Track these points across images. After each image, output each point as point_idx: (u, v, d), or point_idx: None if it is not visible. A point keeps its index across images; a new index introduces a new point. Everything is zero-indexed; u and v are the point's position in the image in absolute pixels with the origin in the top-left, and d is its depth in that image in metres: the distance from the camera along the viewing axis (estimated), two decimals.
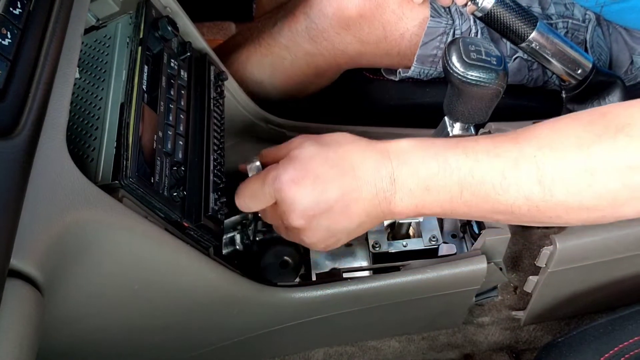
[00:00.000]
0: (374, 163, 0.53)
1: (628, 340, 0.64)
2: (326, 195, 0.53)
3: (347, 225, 0.55)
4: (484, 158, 0.50)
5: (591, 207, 0.48)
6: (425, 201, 0.53)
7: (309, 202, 0.53)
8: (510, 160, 0.49)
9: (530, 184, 0.48)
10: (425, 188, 0.52)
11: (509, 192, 0.49)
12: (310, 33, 0.81)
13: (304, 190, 0.53)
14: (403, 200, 0.53)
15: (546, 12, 0.82)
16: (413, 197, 0.53)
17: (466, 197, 0.51)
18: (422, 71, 0.84)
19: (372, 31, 0.80)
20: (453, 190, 0.51)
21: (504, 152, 0.49)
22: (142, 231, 0.45)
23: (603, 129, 0.46)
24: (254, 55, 0.87)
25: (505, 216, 0.51)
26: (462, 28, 0.80)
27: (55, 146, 0.39)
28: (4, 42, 0.37)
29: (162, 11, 0.61)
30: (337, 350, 0.89)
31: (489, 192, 0.50)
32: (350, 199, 0.53)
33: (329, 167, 0.53)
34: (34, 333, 0.34)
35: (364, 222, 0.55)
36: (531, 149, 0.49)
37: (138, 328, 0.58)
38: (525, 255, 0.87)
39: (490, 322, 0.90)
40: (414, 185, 0.52)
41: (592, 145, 0.46)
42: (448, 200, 0.52)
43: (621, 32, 0.84)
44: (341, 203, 0.53)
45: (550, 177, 0.47)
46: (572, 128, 0.49)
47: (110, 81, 0.53)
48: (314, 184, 0.53)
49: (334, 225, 0.55)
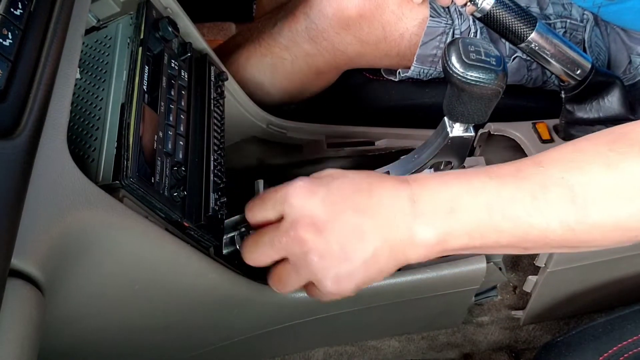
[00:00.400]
0: (392, 185, 0.50)
1: (627, 339, 0.64)
2: (337, 207, 0.48)
3: (361, 248, 0.48)
4: (509, 180, 0.47)
5: (626, 227, 0.46)
6: (450, 228, 0.47)
7: (319, 209, 0.48)
8: (537, 183, 0.46)
9: (563, 204, 0.46)
10: (449, 210, 0.47)
11: (541, 213, 0.46)
12: (310, 33, 0.82)
13: (315, 198, 0.49)
14: (425, 227, 0.48)
15: (544, 12, 0.82)
16: (436, 222, 0.48)
17: (496, 220, 0.47)
18: (422, 71, 0.84)
19: (371, 31, 0.81)
20: (481, 213, 0.47)
21: (529, 176, 0.47)
22: (143, 231, 0.45)
23: (628, 147, 0.45)
24: (254, 56, 0.87)
25: (537, 244, 0.48)
26: (462, 28, 0.80)
27: (56, 146, 0.39)
28: (5, 42, 0.37)
29: (162, 12, 0.61)
30: (337, 350, 0.89)
31: (520, 215, 0.46)
32: (364, 217, 0.48)
33: (342, 183, 0.50)
34: (35, 333, 0.34)
35: (380, 251, 0.49)
36: (557, 170, 0.47)
37: (138, 328, 0.58)
38: (524, 255, 0.87)
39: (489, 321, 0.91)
40: (436, 208, 0.48)
41: (620, 163, 0.45)
42: (476, 225, 0.47)
43: (619, 32, 0.84)
44: (353, 221, 0.48)
45: (582, 197, 0.45)
46: (595, 148, 0.47)
47: (110, 81, 0.53)
48: (326, 196, 0.49)
49: (346, 245, 0.48)
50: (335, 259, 0.48)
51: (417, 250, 0.49)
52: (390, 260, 0.50)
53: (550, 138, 0.80)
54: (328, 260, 0.49)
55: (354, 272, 0.49)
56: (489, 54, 0.54)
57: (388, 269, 0.50)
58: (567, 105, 0.77)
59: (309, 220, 0.48)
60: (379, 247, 0.49)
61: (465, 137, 0.61)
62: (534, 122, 0.81)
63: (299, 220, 0.49)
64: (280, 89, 0.89)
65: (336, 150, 0.84)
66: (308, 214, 0.49)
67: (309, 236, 0.48)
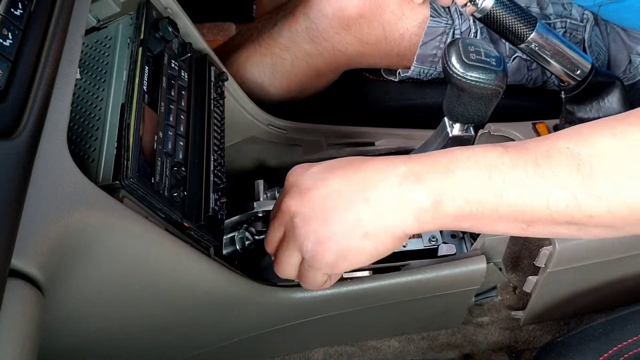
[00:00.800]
0: (386, 161, 0.48)
1: (627, 340, 0.64)
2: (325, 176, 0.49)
3: (342, 209, 0.47)
4: (513, 150, 0.45)
5: (634, 204, 0.43)
6: (445, 187, 0.45)
7: (308, 180, 0.49)
8: (542, 152, 0.44)
9: (568, 171, 0.43)
10: (445, 170, 0.45)
11: (544, 179, 0.43)
12: (310, 33, 0.82)
13: (307, 173, 0.50)
14: (417, 185, 0.45)
15: (544, 12, 0.82)
16: (430, 182, 0.45)
17: (496, 183, 0.44)
18: (422, 71, 0.84)
19: (371, 31, 0.81)
20: (479, 175, 0.44)
21: (534, 147, 0.45)
22: (143, 231, 0.45)
23: (636, 119, 0.44)
24: (253, 56, 0.87)
25: (540, 216, 0.45)
26: (462, 28, 0.80)
27: (56, 147, 0.39)
28: (5, 42, 0.37)
29: (162, 12, 0.61)
30: (337, 350, 0.89)
31: (522, 180, 0.43)
32: (349, 182, 0.48)
33: (338, 160, 0.50)
34: (35, 333, 0.34)
35: (364, 214, 0.47)
36: (563, 141, 0.44)
37: (138, 328, 0.58)
38: (524, 255, 0.87)
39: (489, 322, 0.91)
40: (432, 168, 0.46)
41: (628, 134, 0.43)
42: (473, 186, 0.44)
43: (619, 32, 0.84)
44: (338, 187, 0.48)
45: (588, 165, 0.43)
46: (603, 123, 0.45)
47: (111, 82, 0.53)
48: (318, 170, 0.50)
49: (328, 208, 0.47)
50: (315, 221, 0.48)
51: (408, 213, 0.46)
52: (377, 223, 0.47)
53: None
54: (309, 223, 0.48)
55: (334, 233, 0.47)
56: (488, 54, 0.54)
57: (377, 235, 0.47)
58: (567, 106, 0.77)
59: (297, 189, 0.50)
60: (361, 207, 0.47)
61: (465, 138, 0.61)
62: (534, 122, 0.81)
63: (288, 192, 0.50)
64: (280, 89, 0.89)
65: (336, 150, 0.84)
66: (298, 184, 0.50)
67: (293, 202, 0.49)
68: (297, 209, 0.49)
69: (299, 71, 0.86)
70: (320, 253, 0.48)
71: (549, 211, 0.44)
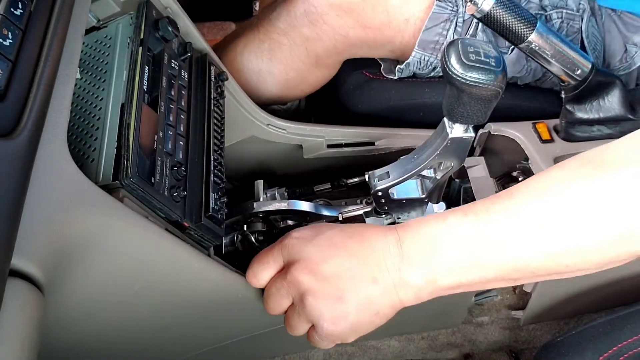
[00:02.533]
0: (381, 230, 0.53)
1: (627, 340, 0.64)
2: (331, 251, 0.52)
3: (354, 289, 0.51)
4: (483, 216, 0.49)
5: (603, 250, 0.45)
6: (435, 269, 0.49)
7: (314, 253, 0.52)
8: (509, 214, 0.48)
9: (534, 232, 0.46)
10: (432, 252, 0.49)
11: (517, 243, 0.47)
12: (309, 17, 0.79)
13: (310, 244, 0.53)
14: (412, 268, 0.50)
15: (541, 3, 0.82)
16: (421, 264, 0.50)
17: (477, 255, 0.48)
18: (423, 58, 0.82)
19: (375, 15, 0.78)
20: (461, 251, 0.49)
21: (501, 209, 0.49)
22: (143, 231, 0.45)
23: (594, 170, 0.46)
24: (252, 42, 0.85)
25: (523, 274, 0.48)
26: (465, 16, 0.79)
27: (56, 146, 0.39)
28: (5, 42, 0.37)
29: (162, 12, 0.61)
30: (337, 350, 0.89)
31: (497, 247, 0.47)
32: (356, 260, 0.51)
33: (335, 232, 0.54)
34: (35, 333, 0.34)
35: (373, 293, 0.51)
36: (527, 198, 0.48)
37: (138, 328, 0.58)
38: None
39: (489, 321, 0.91)
40: (419, 249, 0.50)
41: (586, 188, 0.45)
42: (458, 263, 0.49)
43: (615, 21, 0.84)
44: (346, 264, 0.51)
45: (549, 224, 0.46)
46: (563, 173, 0.48)
47: (111, 81, 0.53)
48: (320, 241, 0.53)
49: (340, 287, 0.51)
50: (329, 300, 0.51)
51: (408, 292, 0.51)
52: (385, 302, 0.51)
53: (550, 138, 0.80)
54: (322, 301, 0.51)
55: (349, 313, 0.51)
56: (488, 54, 0.54)
57: (384, 311, 0.52)
58: (567, 106, 0.77)
59: (305, 263, 0.52)
60: (372, 288, 0.51)
61: (465, 138, 0.61)
62: (534, 122, 0.81)
63: (295, 264, 0.52)
64: (278, 78, 0.86)
65: (336, 150, 0.84)
66: (304, 258, 0.52)
67: (304, 278, 0.51)
68: (310, 286, 0.51)
69: (297, 58, 0.84)
70: (335, 331, 0.52)
71: (530, 269, 0.48)
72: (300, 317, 0.54)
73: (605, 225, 0.44)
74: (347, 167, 0.85)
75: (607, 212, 0.44)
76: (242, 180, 0.85)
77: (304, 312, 0.52)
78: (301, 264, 0.52)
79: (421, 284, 0.50)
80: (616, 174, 0.44)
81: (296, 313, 0.54)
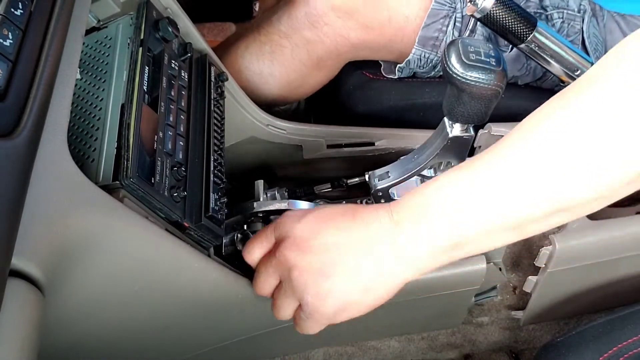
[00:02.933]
0: (374, 207, 0.51)
1: (627, 340, 0.64)
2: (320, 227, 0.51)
3: (340, 262, 0.49)
4: (468, 165, 0.48)
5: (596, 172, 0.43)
6: (429, 228, 0.47)
7: (303, 230, 0.51)
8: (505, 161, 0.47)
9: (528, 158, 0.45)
10: (423, 212, 0.48)
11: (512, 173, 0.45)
12: (310, 19, 0.80)
13: (301, 221, 0.52)
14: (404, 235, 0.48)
15: (542, 3, 0.82)
16: (414, 226, 0.48)
17: (475, 208, 0.46)
18: (423, 55, 0.82)
19: (376, 15, 0.79)
20: (449, 199, 0.47)
21: (487, 154, 0.48)
22: (143, 231, 0.45)
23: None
24: (253, 45, 0.85)
25: (521, 212, 0.45)
26: (463, 12, 0.79)
27: (56, 146, 0.39)
28: (5, 42, 0.37)
29: (162, 12, 0.61)
30: (337, 350, 0.89)
31: (489, 182, 0.45)
32: (345, 234, 0.50)
33: (329, 210, 0.53)
34: (35, 333, 0.34)
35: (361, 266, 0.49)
36: (517, 134, 0.48)
37: (138, 328, 0.58)
38: (524, 256, 0.87)
39: (489, 322, 0.91)
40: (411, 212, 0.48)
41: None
42: (449, 212, 0.47)
43: (618, 22, 0.84)
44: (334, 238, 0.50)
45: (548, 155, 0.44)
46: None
47: (111, 82, 0.53)
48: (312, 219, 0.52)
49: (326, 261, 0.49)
50: (314, 274, 0.49)
51: (407, 264, 0.49)
52: (376, 277, 0.49)
53: None
54: (308, 276, 0.50)
55: (335, 287, 0.49)
56: (488, 54, 0.54)
57: (375, 288, 0.50)
58: None
59: (293, 240, 0.51)
60: (359, 261, 0.49)
61: (465, 138, 0.61)
62: None
63: (284, 242, 0.52)
64: (279, 80, 0.87)
65: (336, 150, 0.84)
66: (293, 235, 0.51)
67: (291, 254, 0.50)
68: (295, 261, 0.50)
69: (299, 61, 0.84)
70: (320, 307, 0.50)
71: (530, 209, 0.45)
72: (287, 293, 0.52)
73: (604, 136, 0.42)
74: (347, 167, 0.85)
75: (605, 121, 0.42)
76: (242, 180, 0.85)
77: (291, 289, 0.51)
78: (289, 241, 0.51)
79: (417, 253, 0.48)
80: (603, 85, 0.43)
81: (282, 290, 0.53)
